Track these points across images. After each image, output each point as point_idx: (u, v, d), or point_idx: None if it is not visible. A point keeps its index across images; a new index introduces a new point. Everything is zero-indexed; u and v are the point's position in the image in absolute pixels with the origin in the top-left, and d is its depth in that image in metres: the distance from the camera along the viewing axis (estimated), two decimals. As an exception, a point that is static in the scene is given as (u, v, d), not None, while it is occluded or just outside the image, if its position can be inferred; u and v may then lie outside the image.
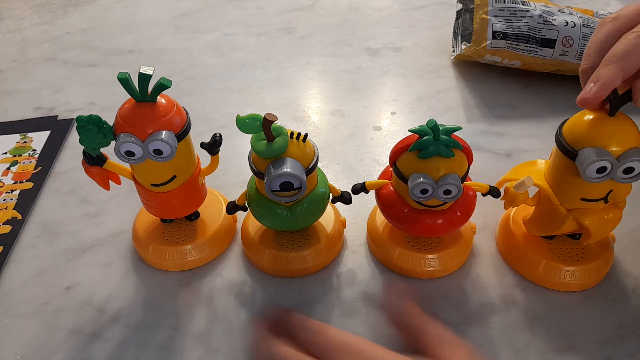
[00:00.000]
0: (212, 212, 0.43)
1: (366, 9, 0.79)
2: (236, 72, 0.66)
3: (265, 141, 0.34)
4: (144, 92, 0.33)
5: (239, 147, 0.52)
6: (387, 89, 0.62)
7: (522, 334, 0.36)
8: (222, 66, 0.67)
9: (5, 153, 0.54)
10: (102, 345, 0.36)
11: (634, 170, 0.32)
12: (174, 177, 0.37)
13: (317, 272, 0.40)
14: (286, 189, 0.34)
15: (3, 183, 0.50)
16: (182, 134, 0.35)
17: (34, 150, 0.54)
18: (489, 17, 0.59)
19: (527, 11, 0.59)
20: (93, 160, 0.36)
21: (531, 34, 0.58)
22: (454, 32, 0.66)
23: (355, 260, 0.41)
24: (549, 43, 0.58)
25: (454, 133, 0.34)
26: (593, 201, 0.35)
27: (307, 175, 0.34)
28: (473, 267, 0.41)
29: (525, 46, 0.59)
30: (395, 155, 0.36)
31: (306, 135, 0.35)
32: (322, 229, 0.41)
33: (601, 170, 0.32)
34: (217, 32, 0.75)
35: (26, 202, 0.48)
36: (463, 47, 0.62)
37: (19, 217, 0.46)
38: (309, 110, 0.59)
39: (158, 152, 0.34)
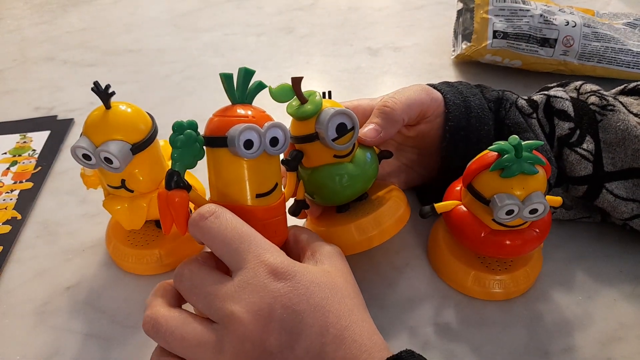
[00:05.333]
0: None
1: (366, 8, 0.79)
2: (236, 71, 0.66)
3: (304, 104, 0.35)
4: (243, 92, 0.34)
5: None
6: (388, 89, 0.61)
7: (522, 333, 0.36)
8: (222, 66, 0.67)
9: (5, 153, 0.54)
10: (102, 345, 0.36)
11: None
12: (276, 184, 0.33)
13: None
14: (342, 132, 0.34)
15: (3, 183, 0.50)
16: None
17: (34, 150, 0.54)
18: (489, 16, 0.59)
19: (527, 11, 0.59)
20: (184, 184, 0.30)
21: (532, 34, 0.58)
22: (455, 31, 0.66)
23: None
24: (550, 43, 0.58)
25: (535, 149, 0.33)
26: None
27: None
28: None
29: (525, 46, 0.59)
30: (471, 176, 0.34)
31: (330, 92, 0.37)
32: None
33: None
34: (217, 32, 0.75)
35: (26, 202, 0.48)
36: (463, 46, 0.61)
37: (19, 217, 0.46)
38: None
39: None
